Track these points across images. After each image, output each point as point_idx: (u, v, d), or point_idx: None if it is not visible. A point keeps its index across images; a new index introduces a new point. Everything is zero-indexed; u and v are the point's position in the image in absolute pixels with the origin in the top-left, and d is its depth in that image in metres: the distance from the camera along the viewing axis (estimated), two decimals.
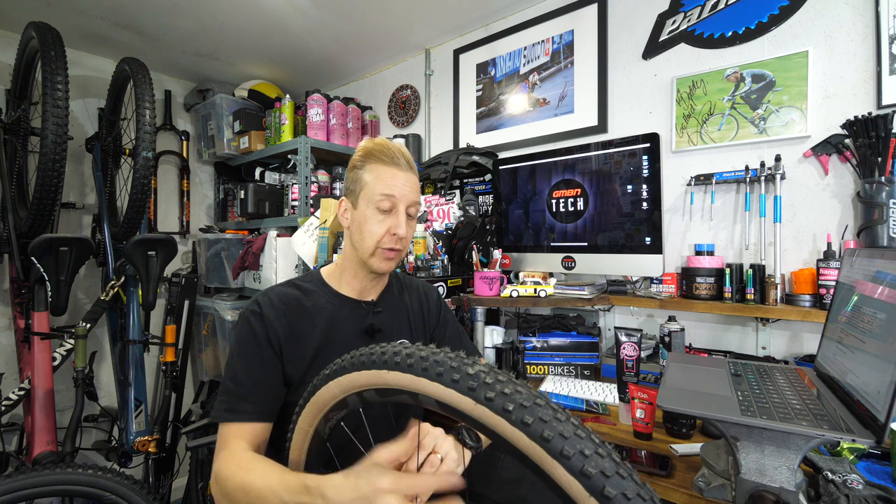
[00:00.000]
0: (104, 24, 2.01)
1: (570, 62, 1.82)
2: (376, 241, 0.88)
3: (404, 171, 0.90)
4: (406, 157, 0.92)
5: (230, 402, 0.80)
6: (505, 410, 0.42)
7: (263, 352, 0.84)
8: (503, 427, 0.42)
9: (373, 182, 0.89)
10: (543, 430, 0.40)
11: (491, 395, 0.43)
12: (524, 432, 0.41)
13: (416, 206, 0.93)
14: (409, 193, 0.90)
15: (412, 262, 1.59)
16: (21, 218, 1.78)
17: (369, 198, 0.89)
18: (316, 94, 2.24)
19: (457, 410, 0.46)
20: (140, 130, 1.72)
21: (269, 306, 0.87)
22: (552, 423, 0.41)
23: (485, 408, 0.44)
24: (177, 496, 2.25)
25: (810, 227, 1.32)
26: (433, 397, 0.48)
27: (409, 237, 0.93)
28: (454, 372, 0.47)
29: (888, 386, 0.62)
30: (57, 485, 1.23)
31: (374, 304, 0.97)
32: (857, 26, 1.25)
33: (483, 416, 0.44)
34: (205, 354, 2.38)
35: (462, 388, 0.45)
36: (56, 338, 1.75)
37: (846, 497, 0.71)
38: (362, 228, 0.90)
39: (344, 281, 0.96)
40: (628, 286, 1.58)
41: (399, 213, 0.89)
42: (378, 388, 0.53)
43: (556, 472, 0.40)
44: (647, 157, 1.42)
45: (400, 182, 0.89)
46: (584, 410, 1.23)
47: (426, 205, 1.88)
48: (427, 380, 0.48)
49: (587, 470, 0.38)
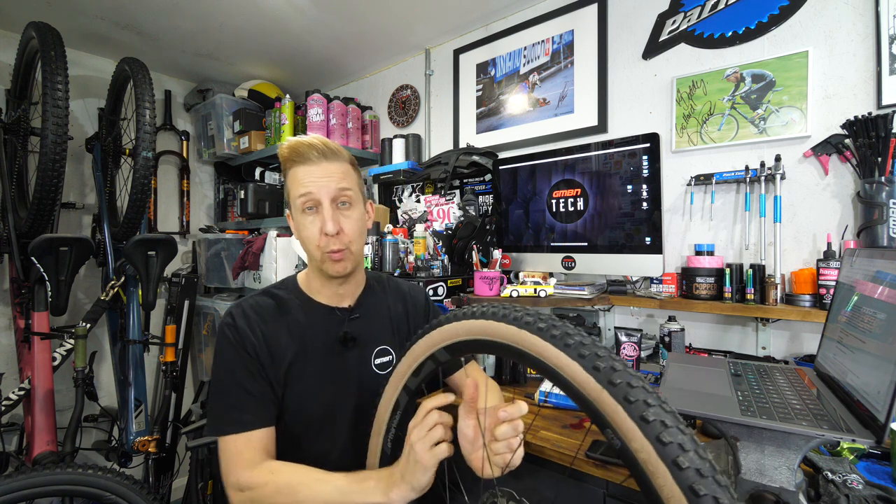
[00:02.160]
0: (104, 24, 2.01)
1: (570, 62, 1.82)
2: (316, 245, 0.84)
3: (317, 164, 0.83)
4: (318, 148, 0.83)
5: (227, 415, 0.79)
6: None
7: (246, 361, 0.82)
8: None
9: (292, 186, 0.85)
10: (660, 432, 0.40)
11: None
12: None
13: (346, 193, 0.84)
14: (328, 184, 0.82)
15: (412, 262, 1.59)
16: (21, 218, 1.79)
17: (294, 203, 0.85)
18: (316, 94, 2.24)
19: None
20: (140, 130, 1.72)
21: (242, 317, 0.84)
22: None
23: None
24: (177, 496, 2.25)
25: (810, 227, 1.32)
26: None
27: (349, 229, 0.85)
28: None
29: (888, 386, 0.62)
30: (57, 485, 1.23)
31: (351, 310, 0.93)
32: (857, 26, 1.25)
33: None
34: (205, 354, 2.39)
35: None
36: (56, 338, 1.75)
37: (846, 497, 0.71)
38: (301, 236, 0.86)
39: (314, 289, 0.92)
40: (628, 286, 1.58)
41: (324, 209, 0.83)
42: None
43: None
44: (647, 157, 1.42)
45: (314, 176, 0.82)
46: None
47: (426, 205, 1.88)
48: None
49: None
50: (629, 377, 0.44)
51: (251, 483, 0.73)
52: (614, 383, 0.43)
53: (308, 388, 0.85)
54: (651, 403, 0.41)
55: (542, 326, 0.51)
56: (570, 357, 0.47)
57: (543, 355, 0.50)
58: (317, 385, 0.86)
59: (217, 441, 0.79)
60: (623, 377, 0.44)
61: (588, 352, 0.47)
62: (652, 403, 0.41)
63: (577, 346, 0.48)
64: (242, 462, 0.76)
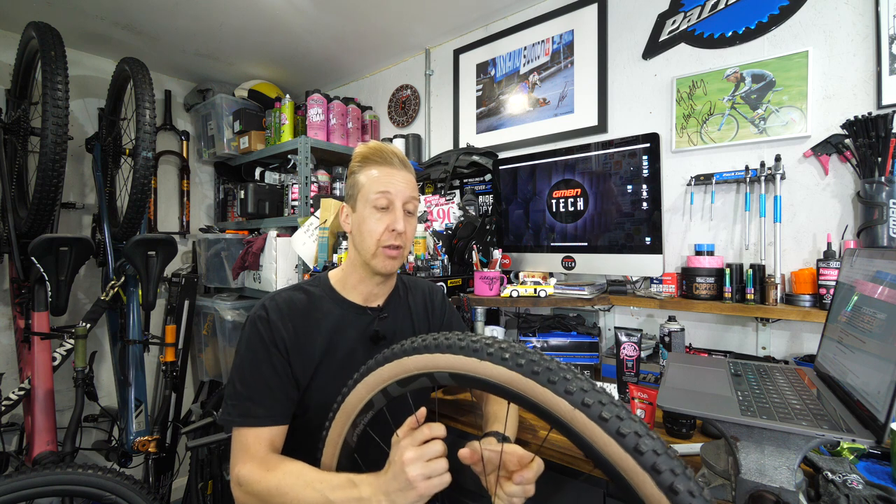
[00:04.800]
0: (104, 24, 2.01)
1: (570, 62, 1.82)
2: (376, 240, 0.88)
3: (399, 170, 0.91)
4: (400, 157, 0.93)
5: (242, 406, 0.81)
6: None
7: (272, 356, 0.84)
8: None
9: (368, 183, 0.90)
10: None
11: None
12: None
13: (413, 203, 0.93)
14: (404, 189, 0.91)
15: (412, 262, 1.59)
16: (21, 218, 1.79)
17: (366, 198, 0.90)
18: (316, 94, 2.24)
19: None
20: (140, 130, 1.72)
21: (276, 310, 0.87)
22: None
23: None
24: (177, 496, 2.25)
25: (810, 227, 1.32)
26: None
27: (409, 235, 0.93)
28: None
29: (888, 386, 0.62)
30: (57, 485, 1.23)
31: (381, 309, 0.97)
32: (857, 26, 1.25)
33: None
34: (205, 354, 2.38)
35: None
36: (56, 338, 1.74)
37: (846, 497, 0.71)
38: (362, 229, 0.90)
39: (349, 286, 0.95)
40: (628, 286, 1.58)
41: (396, 209, 0.90)
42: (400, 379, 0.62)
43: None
44: (647, 157, 1.42)
45: (395, 179, 0.90)
46: None
47: (426, 205, 1.88)
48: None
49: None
50: (595, 394, 0.49)
51: (248, 479, 0.74)
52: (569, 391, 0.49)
53: (336, 384, 0.87)
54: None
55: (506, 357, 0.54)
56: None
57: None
58: (345, 381, 0.88)
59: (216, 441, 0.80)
60: (593, 397, 0.48)
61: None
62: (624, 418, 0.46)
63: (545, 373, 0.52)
64: (247, 456, 0.78)
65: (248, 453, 0.78)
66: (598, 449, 0.46)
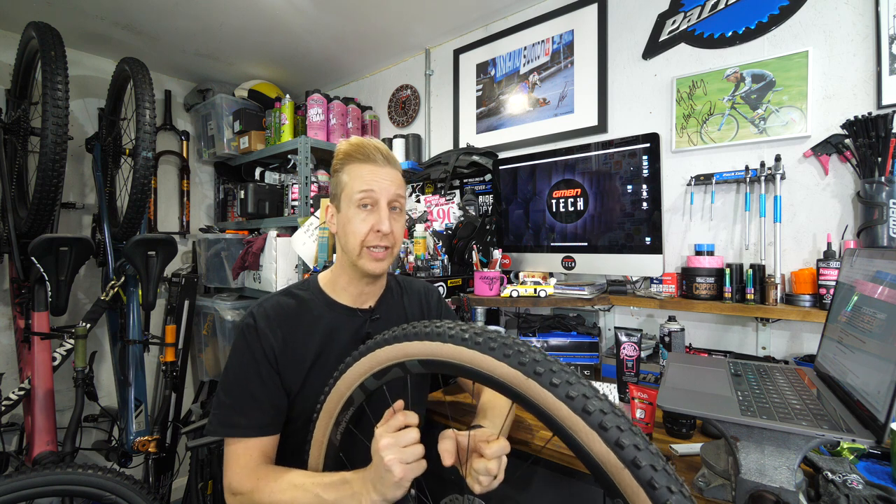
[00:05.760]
0: (104, 24, 2.01)
1: (570, 62, 1.82)
2: (361, 240, 0.86)
3: (382, 167, 0.88)
4: (383, 152, 0.89)
5: (226, 416, 0.80)
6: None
7: (260, 366, 0.82)
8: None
9: (351, 181, 0.87)
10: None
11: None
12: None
13: (399, 200, 0.90)
14: (389, 187, 0.87)
15: (412, 262, 1.59)
16: (21, 218, 1.78)
17: (350, 197, 0.87)
18: (316, 94, 2.24)
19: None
20: (140, 130, 1.72)
21: (264, 318, 0.85)
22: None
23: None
24: (177, 496, 2.25)
25: (810, 227, 1.32)
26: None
27: (397, 233, 0.90)
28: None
29: (888, 386, 0.62)
30: (57, 485, 1.23)
31: (372, 311, 0.94)
32: (857, 26, 1.25)
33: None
34: (205, 354, 2.38)
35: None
36: (56, 338, 1.74)
37: (846, 497, 0.71)
38: (346, 229, 0.87)
39: (339, 288, 0.93)
40: (628, 286, 1.58)
41: (381, 209, 0.86)
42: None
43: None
44: (647, 157, 1.42)
45: (378, 177, 0.87)
46: None
47: (426, 205, 1.88)
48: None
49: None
50: (563, 374, 0.53)
51: (240, 488, 0.75)
52: (539, 374, 0.53)
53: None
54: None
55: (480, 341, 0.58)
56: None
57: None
58: None
59: (216, 441, 0.80)
60: (561, 377, 0.52)
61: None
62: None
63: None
64: (238, 466, 0.78)
65: (238, 463, 0.78)
66: (545, 408, 0.51)
